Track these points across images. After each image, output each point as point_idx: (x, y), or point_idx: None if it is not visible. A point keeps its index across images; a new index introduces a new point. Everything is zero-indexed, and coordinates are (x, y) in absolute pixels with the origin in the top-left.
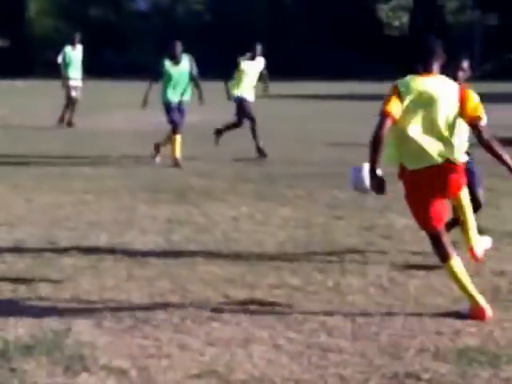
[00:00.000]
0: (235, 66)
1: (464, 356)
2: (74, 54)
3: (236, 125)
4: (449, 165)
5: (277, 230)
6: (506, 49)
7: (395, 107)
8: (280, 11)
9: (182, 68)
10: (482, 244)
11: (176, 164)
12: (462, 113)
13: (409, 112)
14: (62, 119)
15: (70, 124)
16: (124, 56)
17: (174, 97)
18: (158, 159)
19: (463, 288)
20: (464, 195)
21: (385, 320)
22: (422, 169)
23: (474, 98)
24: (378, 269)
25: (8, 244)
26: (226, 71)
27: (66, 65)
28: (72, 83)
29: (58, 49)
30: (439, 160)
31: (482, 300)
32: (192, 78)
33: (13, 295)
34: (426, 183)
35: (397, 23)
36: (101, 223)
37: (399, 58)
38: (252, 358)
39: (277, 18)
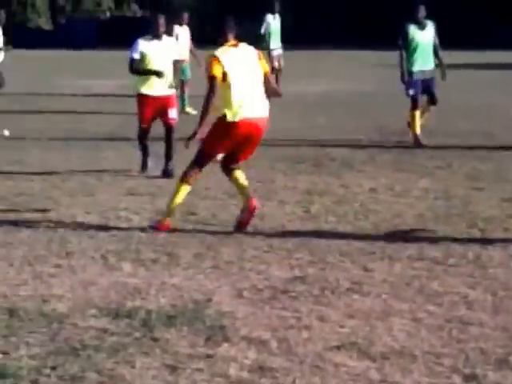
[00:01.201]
0: None
1: None
2: (275, 24)
3: None
4: (262, 119)
5: (416, 201)
6: None
7: (218, 70)
8: None
9: (427, 34)
10: None
11: (416, 141)
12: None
13: (229, 76)
14: None
15: None
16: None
17: (418, 67)
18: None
19: (171, 204)
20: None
21: None
22: (238, 121)
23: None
24: None
25: (149, 214)
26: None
27: (269, 35)
28: (274, 53)
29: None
30: (255, 114)
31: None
32: (434, 48)
33: (154, 265)
34: (238, 132)
35: None
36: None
37: None
38: (392, 330)
39: None
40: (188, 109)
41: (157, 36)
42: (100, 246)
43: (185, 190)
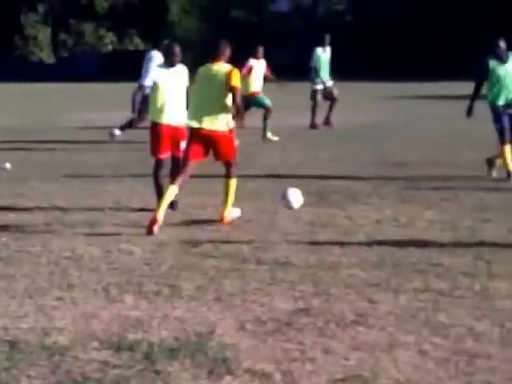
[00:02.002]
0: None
1: None
2: (325, 57)
3: None
4: (215, 132)
5: (422, 232)
6: None
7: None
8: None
9: (508, 68)
10: (232, 212)
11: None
12: (228, 84)
13: (197, 87)
14: (327, 122)
15: (327, 123)
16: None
17: (501, 101)
18: (494, 173)
19: (161, 202)
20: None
21: None
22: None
23: (237, 74)
24: None
25: (151, 246)
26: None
27: (317, 67)
28: (319, 87)
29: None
30: (208, 127)
31: (160, 217)
32: None
33: (156, 297)
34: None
35: None
36: (242, 225)
37: None
38: (397, 363)
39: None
40: (269, 135)
41: (172, 65)
42: (102, 279)
43: (175, 189)
